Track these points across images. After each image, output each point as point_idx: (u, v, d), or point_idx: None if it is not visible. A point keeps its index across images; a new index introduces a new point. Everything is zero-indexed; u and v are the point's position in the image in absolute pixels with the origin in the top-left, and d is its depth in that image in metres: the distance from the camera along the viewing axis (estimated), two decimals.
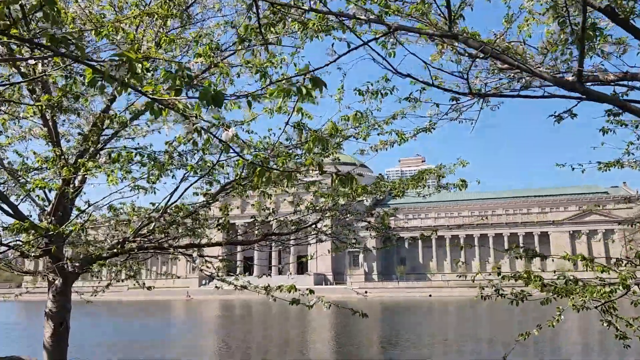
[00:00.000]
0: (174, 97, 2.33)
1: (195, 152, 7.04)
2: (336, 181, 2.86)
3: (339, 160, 8.60)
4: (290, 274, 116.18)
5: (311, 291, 6.82)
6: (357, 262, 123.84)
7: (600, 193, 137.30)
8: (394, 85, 5.75)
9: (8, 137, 8.84)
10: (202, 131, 2.38)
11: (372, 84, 5.72)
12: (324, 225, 9.02)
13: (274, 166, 3.99)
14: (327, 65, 3.64)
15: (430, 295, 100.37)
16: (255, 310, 66.35)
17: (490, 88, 5.98)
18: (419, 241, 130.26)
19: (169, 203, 7.57)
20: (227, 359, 27.47)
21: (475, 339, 34.16)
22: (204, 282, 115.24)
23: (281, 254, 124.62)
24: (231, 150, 2.70)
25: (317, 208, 7.78)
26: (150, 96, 2.31)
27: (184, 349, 31.23)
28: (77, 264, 7.41)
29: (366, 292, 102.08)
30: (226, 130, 2.45)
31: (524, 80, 5.42)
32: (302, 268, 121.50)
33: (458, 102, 5.44)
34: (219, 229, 8.22)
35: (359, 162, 9.10)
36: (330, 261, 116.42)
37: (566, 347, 29.80)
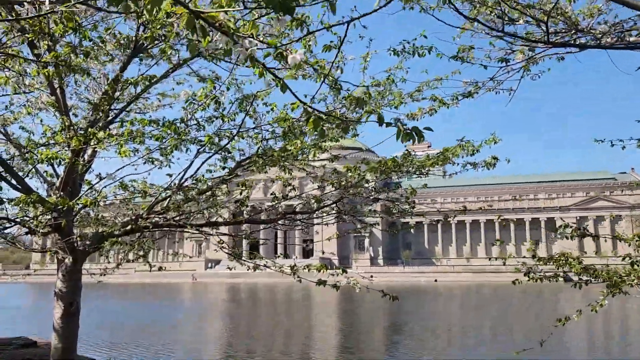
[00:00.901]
0: (224, 9, 1.85)
1: (214, 119, 6.56)
2: (402, 134, 2.40)
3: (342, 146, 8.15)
4: (296, 257, 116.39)
5: (344, 270, 6.40)
6: (363, 246, 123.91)
7: (608, 179, 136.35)
8: (432, 45, 5.24)
9: (13, 112, 8.42)
10: (254, 60, 1.91)
11: (407, 42, 5.20)
12: (344, 204, 8.59)
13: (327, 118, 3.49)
14: (375, 11, 3.15)
15: (435, 280, 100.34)
16: (263, 294, 66.45)
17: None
18: (425, 226, 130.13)
19: (183, 179, 7.15)
20: (234, 341, 27.34)
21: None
22: (209, 265, 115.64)
23: (287, 238, 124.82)
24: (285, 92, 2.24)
25: (342, 184, 7.31)
26: (193, 8, 1.81)
27: (190, 334, 31.15)
28: (87, 242, 7.02)
29: (372, 276, 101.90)
30: (292, 54, 1.97)
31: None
32: (307, 252, 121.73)
33: (508, 64, 4.93)
34: (238, 206, 7.78)
35: (365, 146, 8.56)
36: (336, 245, 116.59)
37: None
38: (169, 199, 6.88)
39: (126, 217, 7.43)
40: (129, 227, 6.96)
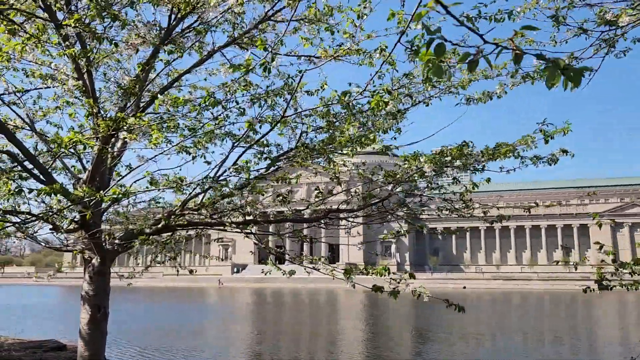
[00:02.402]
0: None
1: (256, 100, 5.89)
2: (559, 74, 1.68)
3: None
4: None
5: (412, 275, 5.66)
6: (390, 252, 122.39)
7: None
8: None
9: (41, 108, 7.97)
10: None
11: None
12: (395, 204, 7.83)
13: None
14: None
15: (464, 287, 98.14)
16: (290, 299, 65.89)
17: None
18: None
19: (219, 172, 6.53)
20: (259, 346, 26.73)
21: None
22: (235, 269, 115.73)
23: (312, 244, 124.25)
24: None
25: (397, 176, 6.54)
26: None
27: (217, 337, 30.70)
28: (116, 241, 6.45)
29: (399, 282, 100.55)
30: None
31: None
32: (333, 258, 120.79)
33: (614, 27, 4.13)
34: (280, 202, 7.09)
35: (393, 146, 7.73)
36: (362, 251, 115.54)
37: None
38: (204, 194, 6.27)
39: (157, 214, 6.85)
40: (160, 225, 6.37)
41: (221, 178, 6.22)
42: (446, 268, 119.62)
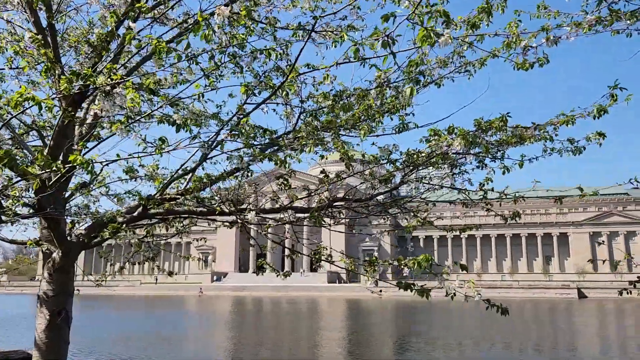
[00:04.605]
0: None
1: (258, 53, 4.90)
2: None
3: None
4: (304, 271, 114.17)
5: (407, 286, 4.78)
6: (372, 257, 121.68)
7: (621, 194, 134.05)
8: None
9: None
10: None
11: None
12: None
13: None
14: None
15: (446, 295, 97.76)
16: (270, 308, 64.51)
17: None
18: (435, 240, 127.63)
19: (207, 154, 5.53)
20: (240, 354, 25.55)
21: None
22: (215, 277, 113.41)
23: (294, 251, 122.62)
24: None
25: (417, 157, 5.59)
26: None
27: (195, 345, 29.40)
28: (82, 231, 5.39)
29: (381, 290, 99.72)
30: None
31: None
32: (315, 266, 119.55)
33: None
34: (280, 186, 6.08)
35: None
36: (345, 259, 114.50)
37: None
38: (190, 174, 5.27)
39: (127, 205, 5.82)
40: (136, 213, 5.34)
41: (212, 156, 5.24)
42: (428, 276, 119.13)
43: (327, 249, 6.33)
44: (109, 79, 4.02)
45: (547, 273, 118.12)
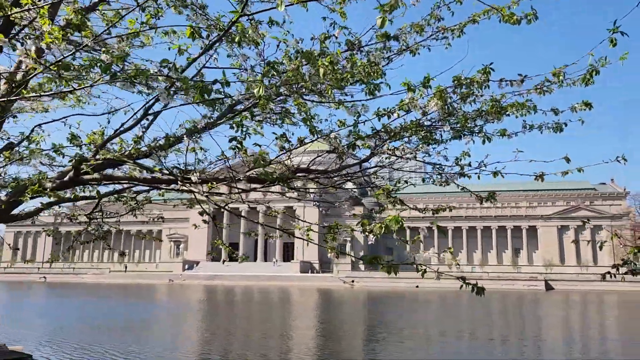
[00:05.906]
0: None
1: None
2: None
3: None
4: (277, 261, 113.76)
5: (388, 269, 4.29)
6: (344, 250, 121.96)
7: (588, 189, 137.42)
8: None
9: None
10: None
11: None
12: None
13: None
14: None
15: (417, 286, 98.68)
16: (241, 297, 63.89)
17: None
18: (407, 231, 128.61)
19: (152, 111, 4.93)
20: (210, 344, 24.98)
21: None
22: (187, 266, 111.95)
23: (267, 242, 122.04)
24: None
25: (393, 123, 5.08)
26: None
27: (162, 335, 28.69)
28: (1, 196, 4.76)
29: (353, 281, 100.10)
30: None
31: None
32: (288, 256, 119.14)
33: None
34: (235, 151, 5.46)
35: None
36: (317, 249, 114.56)
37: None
38: (136, 133, 4.65)
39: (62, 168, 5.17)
40: (67, 178, 4.71)
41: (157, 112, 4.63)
42: (399, 267, 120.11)
43: (305, 225, 5.82)
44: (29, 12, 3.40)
45: (516, 265, 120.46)
